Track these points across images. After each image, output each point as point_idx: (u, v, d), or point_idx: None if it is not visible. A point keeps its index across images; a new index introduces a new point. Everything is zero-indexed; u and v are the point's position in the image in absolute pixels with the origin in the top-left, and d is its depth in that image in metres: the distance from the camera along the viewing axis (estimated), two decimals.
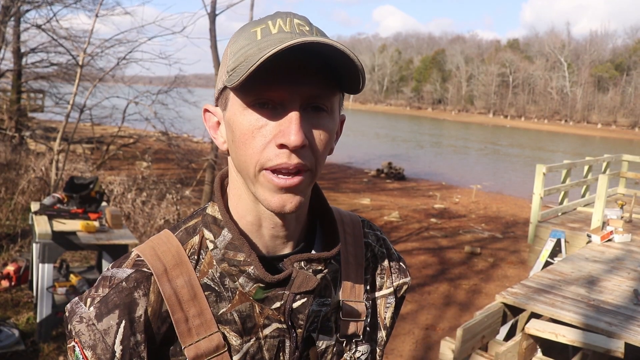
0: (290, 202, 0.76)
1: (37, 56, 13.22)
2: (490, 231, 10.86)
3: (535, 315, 4.72)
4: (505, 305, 4.73)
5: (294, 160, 0.73)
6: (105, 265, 4.87)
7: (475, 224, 11.44)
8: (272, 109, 0.74)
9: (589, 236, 7.01)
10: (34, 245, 4.61)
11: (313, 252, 0.87)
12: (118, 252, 4.33)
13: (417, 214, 12.00)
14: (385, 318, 0.98)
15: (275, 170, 0.74)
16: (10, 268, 5.19)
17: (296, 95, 0.73)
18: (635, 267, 5.88)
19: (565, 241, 7.31)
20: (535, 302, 4.68)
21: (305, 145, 0.73)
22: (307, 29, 0.76)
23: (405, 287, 1.02)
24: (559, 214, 8.70)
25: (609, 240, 6.94)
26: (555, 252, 7.23)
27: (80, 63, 8.27)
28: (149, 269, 0.79)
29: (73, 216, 4.44)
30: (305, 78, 0.73)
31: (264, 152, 0.74)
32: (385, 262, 0.99)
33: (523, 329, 4.38)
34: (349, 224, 0.97)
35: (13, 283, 5.15)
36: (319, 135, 0.76)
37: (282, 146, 0.73)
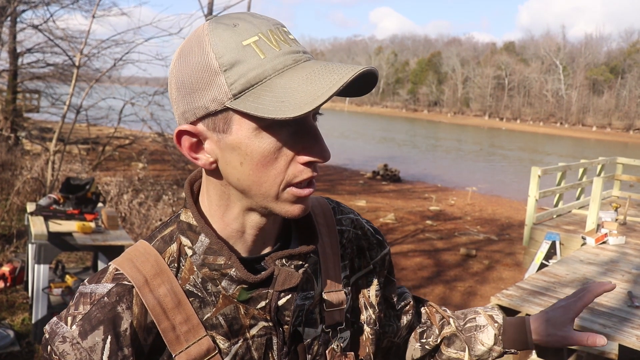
0: (308, 205, 0.80)
1: (33, 56, 13.22)
2: (485, 233, 10.89)
3: None
4: (501, 307, 4.75)
5: (315, 171, 0.77)
6: (101, 266, 4.86)
7: (470, 226, 11.47)
8: (287, 126, 0.74)
9: (583, 238, 7.04)
10: (30, 246, 4.61)
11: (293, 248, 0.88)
12: (114, 253, 4.33)
13: (413, 216, 12.02)
14: (369, 297, 0.99)
15: (299, 184, 0.76)
16: (6, 269, 5.18)
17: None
18: (629, 269, 5.92)
19: (560, 243, 7.35)
20: (530, 304, 4.70)
21: None
22: (292, 37, 0.76)
23: (386, 257, 1.04)
24: (554, 216, 8.73)
25: (604, 242, 6.97)
26: (550, 254, 7.25)
27: (76, 64, 8.26)
28: (130, 282, 0.78)
29: (69, 217, 4.44)
30: None
31: (288, 170, 0.75)
32: (361, 242, 1.00)
33: None
34: (320, 215, 0.97)
35: (8, 284, 5.14)
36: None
37: (310, 163, 0.75)
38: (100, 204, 4.94)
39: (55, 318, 0.78)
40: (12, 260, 5.51)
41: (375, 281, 1.01)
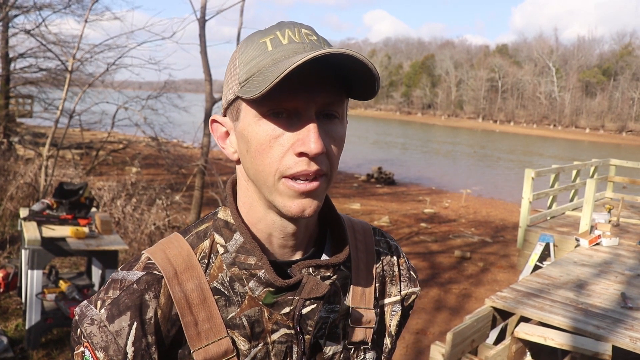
0: (309, 206, 0.77)
1: (25, 61, 13.16)
2: (480, 235, 10.92)
3: (524, 319, 4.76)
4: (495, 309, 4.76)
5: (313, 167, 0.75)
6: (95, 271, 4.85)
7: (465, 229, 11.49)
8: (287, 118, 0.75)
9: (577, 240, 7.07)
10: (23, 251, 4.58)
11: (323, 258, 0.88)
12: (108, 258, 4.32)
13: (407, 219, 12.03)
14: (390, 325, 0.98)
15: (295, 177, 0.75)
16: None
17: (311, 104, 0.75)
18: (623, 271, 5.94)
19: (554, 245, 7.37)
20: (524, 306, 4.72)
21: (323, 152, 0.75)
22: (315, 38, 0.78)
23: (413, 296, 1.02)
24: (548, 218, 8.76)
25: (597, 244, 7.00)
26: (544, 256, 7.28)
27: (69, 68, 8.24)
28: (160, 272, 0.79)
29: (62, 222, 4.42)
30: (319, 87, 0.75)
31: (282, 160, 0.75)
32: (395, 270, 1.00)
33: (512, 332, 4.41)
34: (360, 232, 0.98)
35: (1, 290, 5.11)
36: (333, 141, 0.78)
37: (301, 154, 0.74)
38: (93, 209, 4.92)
39: (85, 301, 0.80)
40: (5, 266, 5.47)
41: (400, 312, 0.99)
